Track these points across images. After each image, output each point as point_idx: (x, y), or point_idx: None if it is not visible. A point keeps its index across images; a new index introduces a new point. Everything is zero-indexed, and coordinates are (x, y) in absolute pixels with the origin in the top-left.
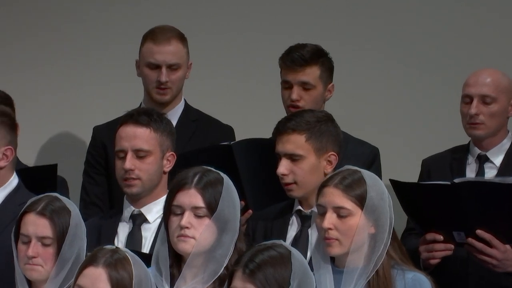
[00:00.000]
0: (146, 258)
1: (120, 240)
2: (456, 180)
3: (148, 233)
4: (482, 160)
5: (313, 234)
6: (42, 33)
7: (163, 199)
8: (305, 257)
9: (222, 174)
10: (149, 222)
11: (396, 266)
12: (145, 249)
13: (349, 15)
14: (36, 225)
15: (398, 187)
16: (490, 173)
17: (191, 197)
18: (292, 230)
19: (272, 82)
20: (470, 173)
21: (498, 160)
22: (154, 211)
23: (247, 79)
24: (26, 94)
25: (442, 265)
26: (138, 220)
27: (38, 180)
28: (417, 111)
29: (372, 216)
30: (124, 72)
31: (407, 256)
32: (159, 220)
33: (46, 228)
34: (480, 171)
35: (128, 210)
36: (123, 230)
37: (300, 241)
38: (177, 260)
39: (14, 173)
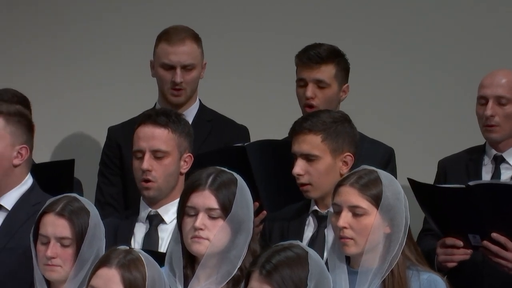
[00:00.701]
0: (163, 258)
1: (137, 240)
2: (471, 183)
3: (165, 234)
4: (498, 161)
5: (329, 235)
6: (57, 33)
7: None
8: (322, 258)
9: (235, 175)
10: (165, 223)
11: (412, 266)
12: (162, 249)
13: (365, 15)
14: (55, 225)
15: (415, 186)
16: (506, 174)
17: (205, 199)
18: (309, 231)
19: (287, 82)
20: (486, 174)
21: None
22: (171, 212)
23: (262, 79)
24: (41, 94)
25: (457, 267)
26: (155, 220)
27: (55, 176)
28: (434, 112)
29: (388, 215)
30: (139, 72)
31: (423, 257)
32: (175, 221)
33: (65, 228)
34: (496, 172)
35: (145, 211)
36: (139, 230)
37: (317, 242)
38: (191, 261)
39: (29, 173)
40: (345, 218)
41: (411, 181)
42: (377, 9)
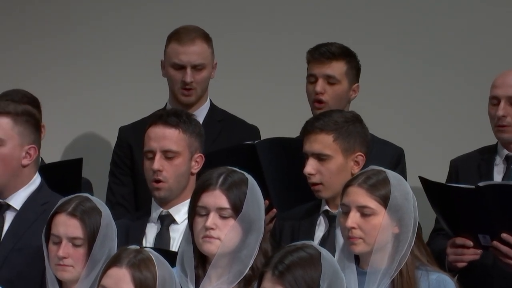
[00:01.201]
0: (175, 257)
1: (149, 241)
2: (481, 184)
3: (176, 234)
4: (510, 161)
5: (340, 235)
6: (68, 33)
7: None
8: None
9: (246, 174)
10: (177, 223)
11: (421, 266)
12: (173, 250)
13: (377, 16)
14: (67, 225)
15: (427, 185)
16: None
17: (216, 198)
18: (320, 231)
19: (297, 82)
20: (498, 174)
21: None
22: (182, 212)
23: (273, 79)
24: (51, 94)
25: (468, 267)
26: (166, 221)
27: (63, 175)
28: (446, 111)
29: (396, 215)
30: (149, 72)
31: (432, 257)
32: (187, 221)
33: (77, 228)
34: (508, 172)
35: (157, 211)
36: (151, 231)
37: (328, 242)
38: (202, 261)
39: (37, 173)
40: (353, 218)
41: (422, 179)
42: (389, 10)
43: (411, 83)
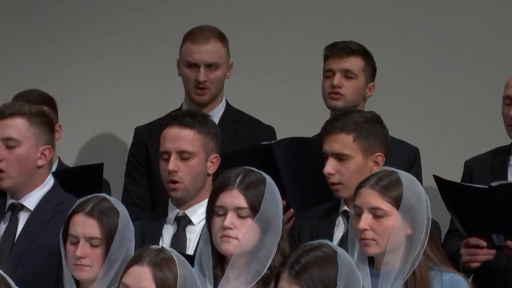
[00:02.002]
0: (191, 260)
1: (165, 242)
2: (494, 184)
3: (193, 235)
4: None
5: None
6: (84, 33)
7: (207, 201)
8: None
9: (264, 174)
10: (193, 224)
11: (434, 267)
12: (190, 251)
13: (391, 15)
14: (85, 225)
15: (441, 184)
16: None
17: (234, 198)
18: (339, 231)
19: (313, 81)
20: (511, 174)
21: None
22: (198, 213)
23: (289, 79)
24: (67, 95)
25: (482, 267)
26: (183, 222)
27: (84, 180)
28: (461, 111)
29: (408, 216)
30: (166, 72)
31: (446, 257)
32: (203, 222)
33: (95, 228)
34: None
35: (173, 212)
36: (167, 232)
37: (347, 242)
38: (220, 261)
39: (50, 174)
40: (366, 220)
41: (436, 178)
42: (404, 9)
43: (424, 83)
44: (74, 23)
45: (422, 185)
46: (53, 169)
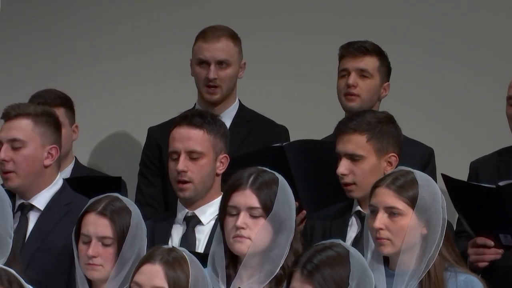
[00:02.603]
0: (201, 258)
1: (174, 242)
2: (501, 183)
3: (202, 235)
4: None
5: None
6: (99, 34)
7: (216, 201)
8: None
9: (277, 174)
10: (202, 224)
11: (450, 267)
12: (199, 251)
13: (404, 16)
14: (97, 225)
15: (449, 183)
16: None
17: (247, 198)
18: (352, 231)
19: (326, 82)
20: None
21: None
22: (207, 213)
23: (302, 79)
24: (80, 95)
25: (490, 267)
26: (192, 222)
27: (100, 190)
28: (474, 111)
29: (424, 216)
30: (179, 72)
31: (461, 258)
32: (212, 222)
33: (107, 228)
34: None
35: (182, 212)
36: (177, 232)
37: (360, 242)
38: (233, 261)
39: (59, 173)
40: (381, 219)
41: (445, 177)
42: (416, 9)
43: (439, 83)
44: (90, 24)
45: None
46: (69, 168)
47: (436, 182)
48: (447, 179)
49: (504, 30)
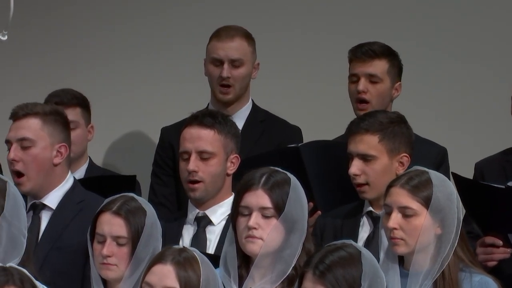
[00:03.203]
0: (212, 259)
1: (185, 242)
2: (510, 183)
3: (213, 236)
4: None
5: (384, 236)
6: (114, 33)
7: (227, 201)
8: (378, 259)
9: (289, 174)
10: (213, 224)
11: (465, 268)
12: (210, 251)
13: (418, 15)
14: (111, 224)
15: (459, 182)
16: None
17: (259, 198)
18: (364, 232)
19: (340, 82)
20: None
21: None
22: (218, 213)
23: (315, 79)
24: (94, 95)
25: (498, 267)
26: (203, 222)
27: (114, 189)
28: (487, 111)
29: (438, 216)
30: (192, 72)
31: (475, 258)
32: (223, 223)
33: (121, 227)
34: None
35: (193, 212)
36: (187, 232)
37: (373, 243)
38: (245, 261)
39: (69, 172)
40: (395, 219)
41: (454, 175)
42: (429, 9)
43: (452, 83)
44: (104, 24)
45: None
46: (84, 168)
47: None
48: (457, 178)
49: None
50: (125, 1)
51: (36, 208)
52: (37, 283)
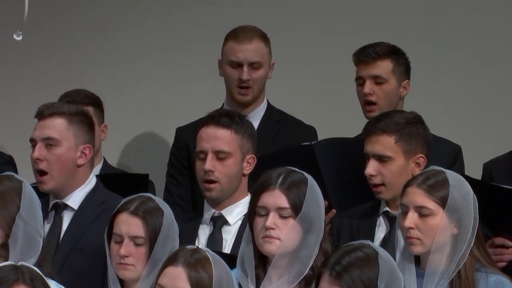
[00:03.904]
0: (228, 258)
1: (201, 242)
2: None
3: (229, 236)
4: None
5: (400, 236)
6: (127, 33)
7: (243, 201)
8: (394, 259)
9: (306, 174)
10: (229, 224)
11: (481, 268)
12: (226, 251)
13: (430, 15)
14: (129, 224)
15: (468, 182)
16: None
17: (276, 198)
18: (380, 232)
19: (354, 82)
20: None
21: None
22: (234, 213)
23: (330, 79)
24: (109, 95)
25: (509, 268)
26: (219, 222)
27: (128, 188)
28: (500, 110)
29: (454, 216)
30: (207, 72)
31: (491, 258)
32: (239, 223)
33: (139, 227)
34: None
35: (209, 212)
36: (203, 232)
37: (389, 243)
38: (262, 261)
39: (92, 172)
40: (411, 218)
41: (465, 177)
42: (442, 8)
43: (465, 82)
44: (119, 25)
45: None
46: (98, 168)
47: None
48: (467, 179)
49: None
50: (140, 1)
51: (58, 208)
52: (52, 282)
